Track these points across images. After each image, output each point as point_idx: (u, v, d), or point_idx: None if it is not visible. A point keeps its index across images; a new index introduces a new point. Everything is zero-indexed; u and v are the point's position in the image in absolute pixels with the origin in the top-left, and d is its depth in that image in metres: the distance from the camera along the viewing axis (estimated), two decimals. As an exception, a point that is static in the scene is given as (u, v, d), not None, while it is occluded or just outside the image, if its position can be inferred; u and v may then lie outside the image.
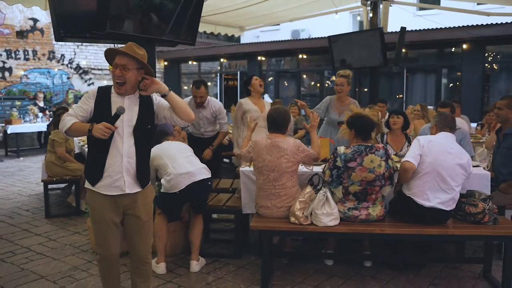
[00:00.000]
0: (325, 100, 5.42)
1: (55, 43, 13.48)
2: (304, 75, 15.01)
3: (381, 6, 8.88)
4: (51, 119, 9.82)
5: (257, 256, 4.08)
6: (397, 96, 12.63)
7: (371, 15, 8.90)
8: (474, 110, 10.23)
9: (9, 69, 12.80)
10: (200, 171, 3.85)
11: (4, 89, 12.71)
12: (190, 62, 16.58)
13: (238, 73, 15.42)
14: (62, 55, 13.96)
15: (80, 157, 6.17)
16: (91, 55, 14.64)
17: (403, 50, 11.16)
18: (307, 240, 4.56)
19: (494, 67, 11.38)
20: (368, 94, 9.53)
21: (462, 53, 11.19)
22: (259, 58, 14.73)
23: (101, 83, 14.96)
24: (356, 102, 5.32)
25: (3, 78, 12.68)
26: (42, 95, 12.42)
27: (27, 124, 10.83)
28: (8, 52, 12.70)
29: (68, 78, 14.22)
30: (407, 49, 11.70)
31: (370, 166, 3.37)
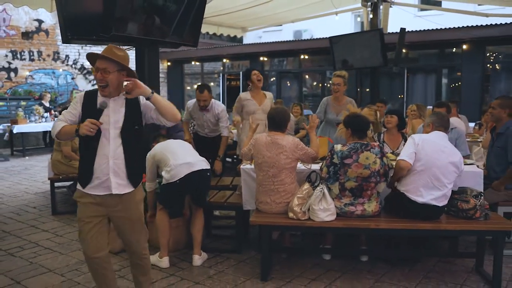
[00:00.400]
0: (322, 103, 5.55)
1: (59, 44, 13.65)
2: (306, 76, 15.14)
3: (381, 7, 9.01)
4: (56, 119, 9.95)
5: (257, 251, 4.20)
6: (399, 96, 12.74)
7: (371, 16, 9.02)
8: (474, 110, 10.33)
9: (15, 70, 12.98)
10: (199, 162, 3.97)
11: (10, 90, 12.89)
12: (193, 63, 16.71)
13: (241, 74, 15.57)
14: (67, 56, 14.15)
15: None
16: (95, 56, 14.80)
17: (404, 51, 11.27)
18: (306, 236, 4.69)
19: (494, 67, 11.48)
20: (369, 94, 9.66)
21: (462, 54, 11.30)
22: (261, 58, 14.86)
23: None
24: (352, 101, 5.44)
25: (9, 78, 12.86)
26: (49, 95, 12.57)
27: (33, 124, 10.97)
28: (14, 53, 12.88)
29: (73, 78, 14.40)
30: (408, 49, 11.81)
31: (365, 163, 3.50)
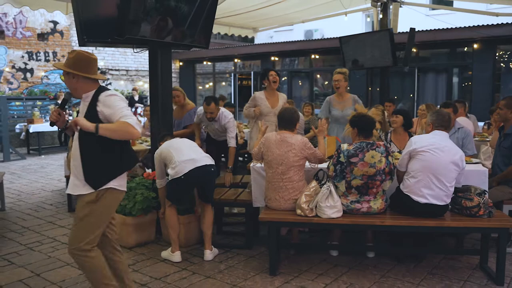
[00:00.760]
0: (325, 102, 5.55)
1: (74, 44, 13.91)
2: (317, 75, 15.21)
3: (391, 7, 9.05)
4: (70, 117, 10.20)
5: (267, 247, 4.31)
6: (410, 95, 12.75)
7: (381, 16, 9.07)
8: (485, 109, 10.31)
9: (31, 70, 13.27)
10: (203, 158, 4.12)
11: (26, 90, 13.18)
12: (204, 63, 16.88)
13: (252, 73, 15.70)
14: (81, 57, 14.37)
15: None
16: (108, 56, 15.05)
17: (415, 50, 11.31)
18: (314, 233, 4.80)
19: (505, 66, 11.45)
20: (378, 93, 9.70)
21: (473, 53, 11.30)
22: (272, 58, 14.97)
23: (118, 84, 15.37)
24: (355, 96, 5.47)
25: (25, 79, 13.15)
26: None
27: (48, 123, 11.19)
28: (30, 54, 13.17)
29: (87, 78, 14.63)
30: (419, 48, 11.83)
31: (371, 161, 3.60)
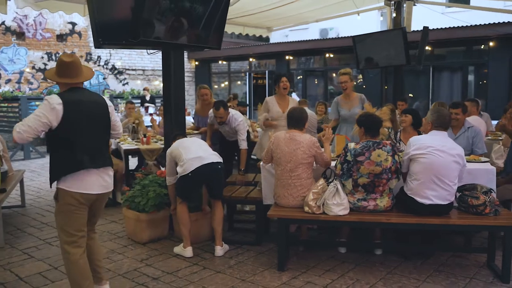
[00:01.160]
0: (333, 102, 5.68)
1: (91, 45, 14.18)
2: (332, 74, 15.21)
3: (404, 5, 9.03)
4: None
5: (276, 244, 4.40)
6: (425, 94, 12.67)
7: (394, 14, 9.06)
8: (501, 107, 10.20)
9: (50, 71, 13.57)
10: (211, 156, 4.24)
11: (46, 90, 13.49)
12: (220, 62, 17.03)
13: (267, 72, 15.78)
14: (99, 57, 14.69)
15: (116, 153, 6.67)
16: (125, 56, 15.32)
17: (429, 48, 11.23)
18: (322, 230, 4.88)
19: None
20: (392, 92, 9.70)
21: (489, 51, 11.18)
22: (287, 57, 15.02)
23: (135, 83, 15.63)
24: (362, 95, 5.56)
25: (45, 79, 13.45)
26: None
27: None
28: (49, 54, 13.48)
29: (104, 78, 14.94)
30: (434, 47, 11.76)
31: (377, 160, 3.67)
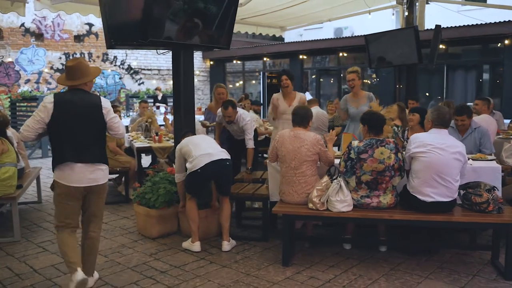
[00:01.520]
0: (342, 100, 5.77)
1: (108, 45, 14.43)
2: (346, 73, 15.16)
3: (417, 4, 9.00)
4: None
5: (282, 240, 4.49)
6: (439, 93, 12.59)
7: (406, 13, 9.04)
8: (517, 106, 10.13)
9: (68, 71, 13.84)
10: (219, 153, 4.35)
11: (63, 90, 13.75)
12: (234, 61, 17.14)
13: (281, 71, 15.81)
14: (115, 57, 14.93)
15: (129, 151, 6.83)
16: (141, 56, 15.54)
17: (444, 47, 11.16)
18: (328, 227, 4.93)
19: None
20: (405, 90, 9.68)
21: (504, 49, 11.05)
22: (300, 56, 15.06)
23: (150, 83, 15.84)
24: (370, 94, 5.62)
25: (63, 79, 13.73)
26: (98, 94, 13.37)
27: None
28: (67, 55, 13.75)
29: (120, 78, 15.19)
30: (448, 45, 11.67)
31: (380, 158, 3.72)
